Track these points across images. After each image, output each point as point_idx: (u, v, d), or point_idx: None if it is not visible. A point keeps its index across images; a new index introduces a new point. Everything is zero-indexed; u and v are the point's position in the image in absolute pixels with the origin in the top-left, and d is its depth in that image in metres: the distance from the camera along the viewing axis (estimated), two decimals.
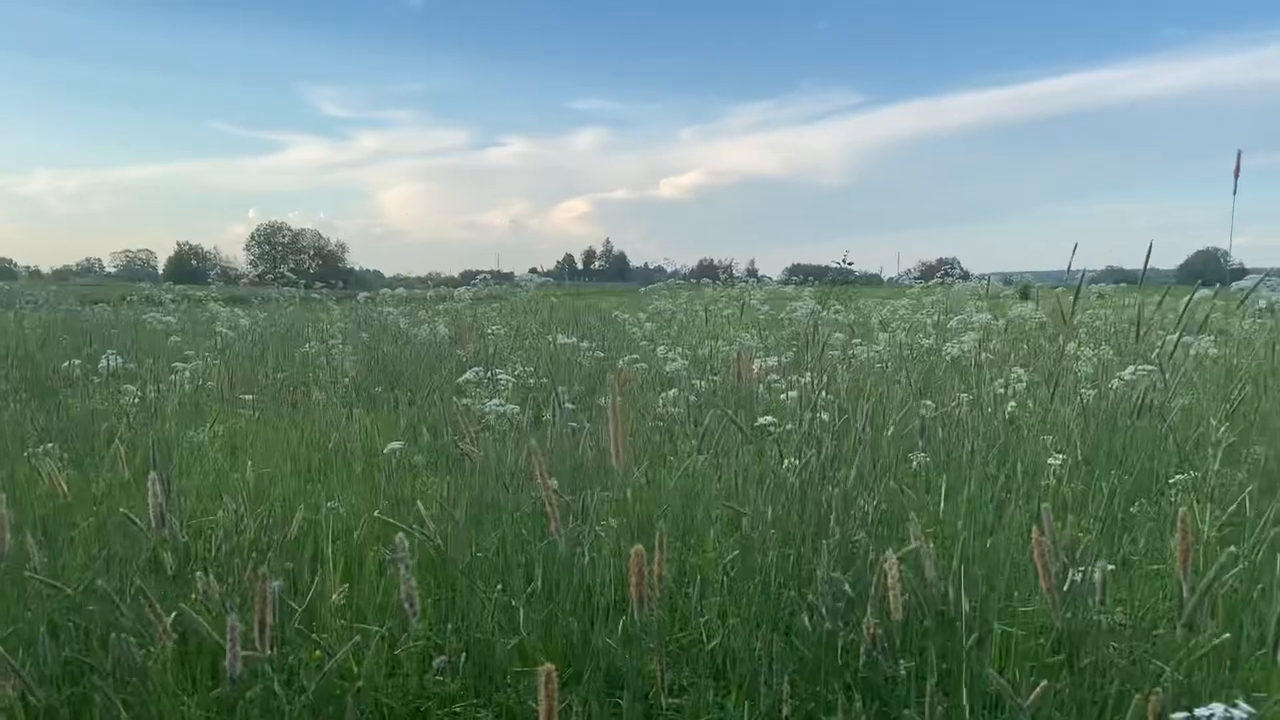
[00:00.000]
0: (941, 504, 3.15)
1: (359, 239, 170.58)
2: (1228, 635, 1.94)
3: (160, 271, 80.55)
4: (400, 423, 5.05)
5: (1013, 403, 4.30)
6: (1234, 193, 2.83)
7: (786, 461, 3.14)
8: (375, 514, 3.21)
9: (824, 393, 3.97)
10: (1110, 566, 2.44)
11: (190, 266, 75.25)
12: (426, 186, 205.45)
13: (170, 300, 10.79)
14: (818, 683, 2.48)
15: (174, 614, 2.22)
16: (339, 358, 6.91)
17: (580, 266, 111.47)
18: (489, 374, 4.01)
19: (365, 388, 6.30)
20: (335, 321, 9.79)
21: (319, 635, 2.48)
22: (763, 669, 2.50)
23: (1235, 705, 1.41)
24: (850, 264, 13.37)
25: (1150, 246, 2.66)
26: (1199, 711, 1.39)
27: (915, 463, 3.57)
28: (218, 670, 2.49)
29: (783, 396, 4.08)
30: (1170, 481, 3.21)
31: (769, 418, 3.47)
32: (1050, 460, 3.35)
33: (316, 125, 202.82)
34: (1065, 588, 1.76)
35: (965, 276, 8.87)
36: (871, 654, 2.08)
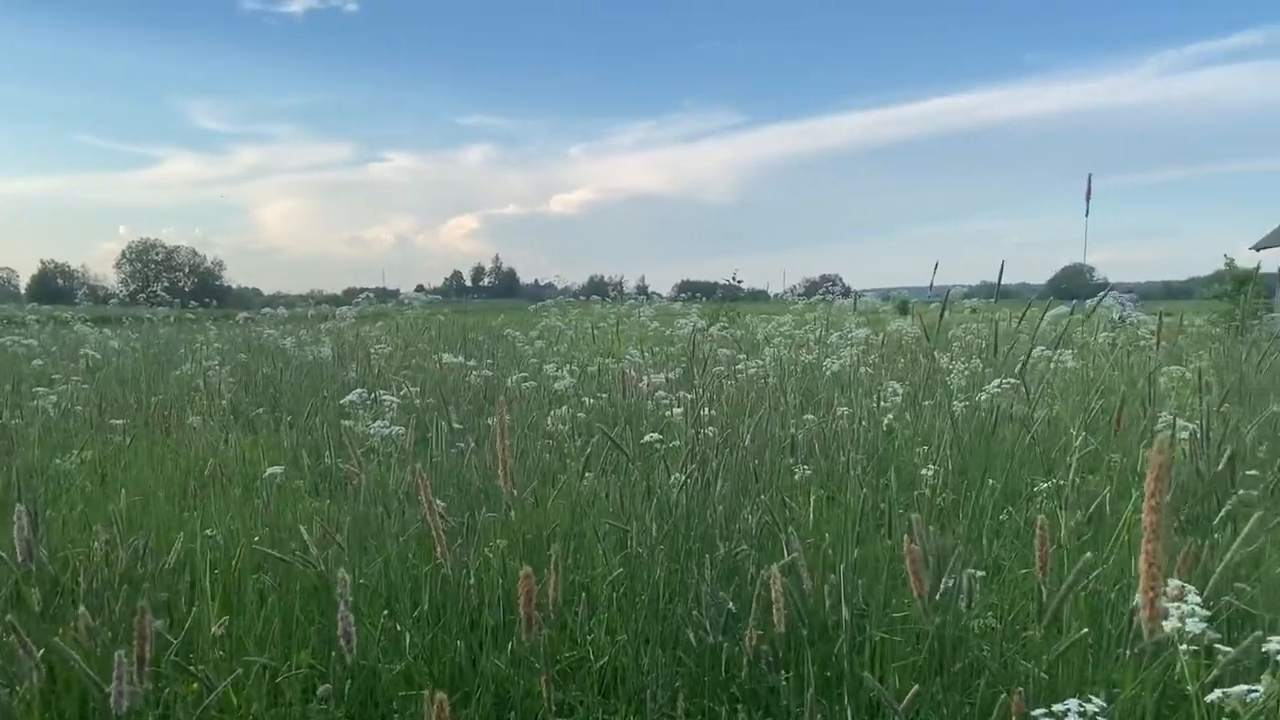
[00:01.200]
0: (811, 515, 3.23)
1: (237, 256, 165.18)
2: (1085, 632, 2.05)
3: (23, 291, 76.63)
4: (281, 446, 4.92)
5: (890, 415, 4.45)
6: (1086, 215, 3.02)
7: (673, 477, 3.18)
8: (255, 541, 3.14)
9: (708, 409, 4.05)
10: (980, 573, 2.57)
11: (56, 286, 71.95)
12: (308, 202, 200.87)
13: (34, 321, 10.29)
14: (705, 696, 2.52)
15: (42, 650, 2.12)
16: (216, 380, 6.70)
17: (469, 283, 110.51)
18: (373, 395, 3.95)
19: (244, 411, 6.13)
20: (212, 342, 9.49)
21: (197, 667, 2.41)
22: (650, 684, 2.53)
23: (1089, 700, 1.50)
24: (739, 282, 13.64)
25: (1002, 265, 2.82)
26: (1056, 708, 1.47)
27: (798, 475, 3.66)
28: (86, 709, 2.40)
29: (667, 414, 4.13)
30: (1036, 489, 3.37)
31: (655, 435, 3.51)
32: (923, 471, 3.48)
33: (192, 139, 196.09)
34: (936, 594, 1.84)
35: (846, 293, 9.12)
36: (755, 665, 2.13)
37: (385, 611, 2.83)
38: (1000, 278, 2.85)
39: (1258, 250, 27.87)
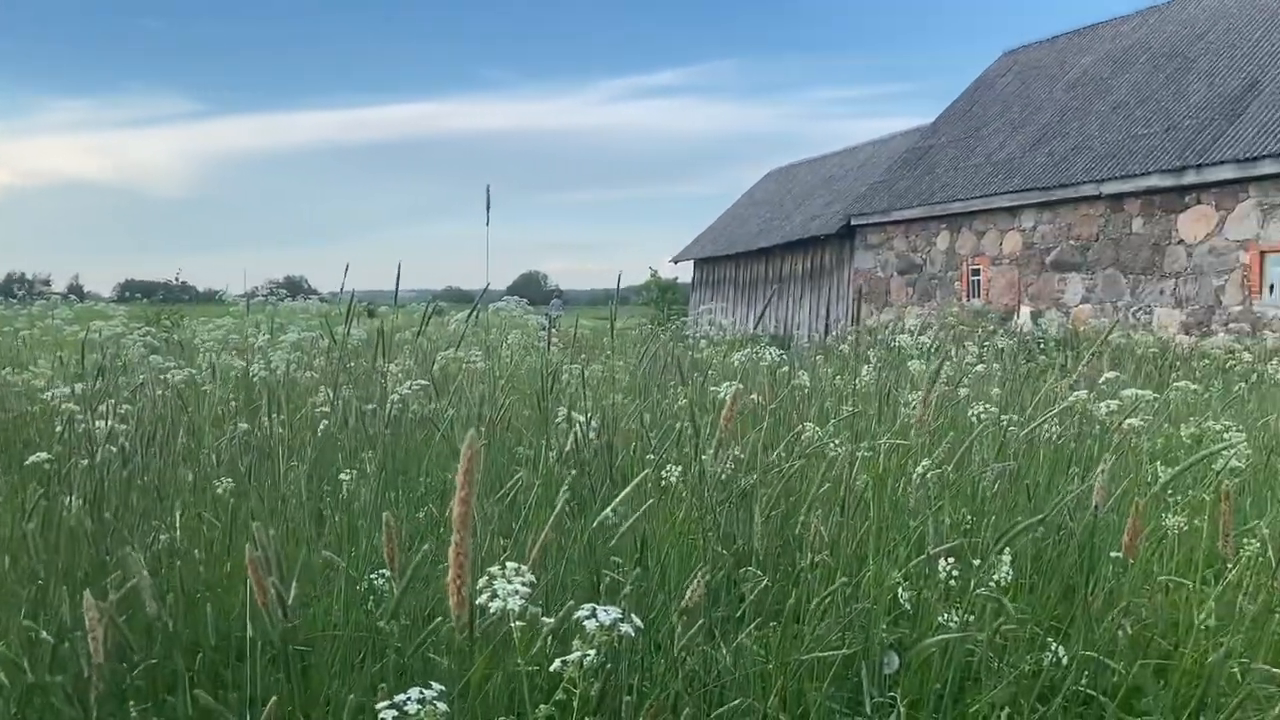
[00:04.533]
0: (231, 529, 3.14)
1: None
2: (442, 622, 2.19)
3: None
4: None
5: (326, 422, 4.41)
6: (487, 224, 3.29)
7: (70, 500, 2.92)
8: None
9: (116, 422, 3.73)
10: (387, 573, 2.64)
11: None
12: None
13: None
14: None
15: None
16: None
17: None
18: None
19: None
20: None
21: None
22: None
23: (429, 686, 1.60)
24: (181, 281, 12.71)
25: (399, 269, 2.93)
26: (398, 698, 1.54)
27: (221, 489, 3.51)
28: None
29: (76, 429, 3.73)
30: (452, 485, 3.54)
31: (44, 455, 3.19)
32: (341, 476, 3.50)
33: None
34: (280, 603, 1.83)
35: (294, 295, 8.93)
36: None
37: None
38: (398, 284, 2.96)
39: (676, 263, 31.93)
